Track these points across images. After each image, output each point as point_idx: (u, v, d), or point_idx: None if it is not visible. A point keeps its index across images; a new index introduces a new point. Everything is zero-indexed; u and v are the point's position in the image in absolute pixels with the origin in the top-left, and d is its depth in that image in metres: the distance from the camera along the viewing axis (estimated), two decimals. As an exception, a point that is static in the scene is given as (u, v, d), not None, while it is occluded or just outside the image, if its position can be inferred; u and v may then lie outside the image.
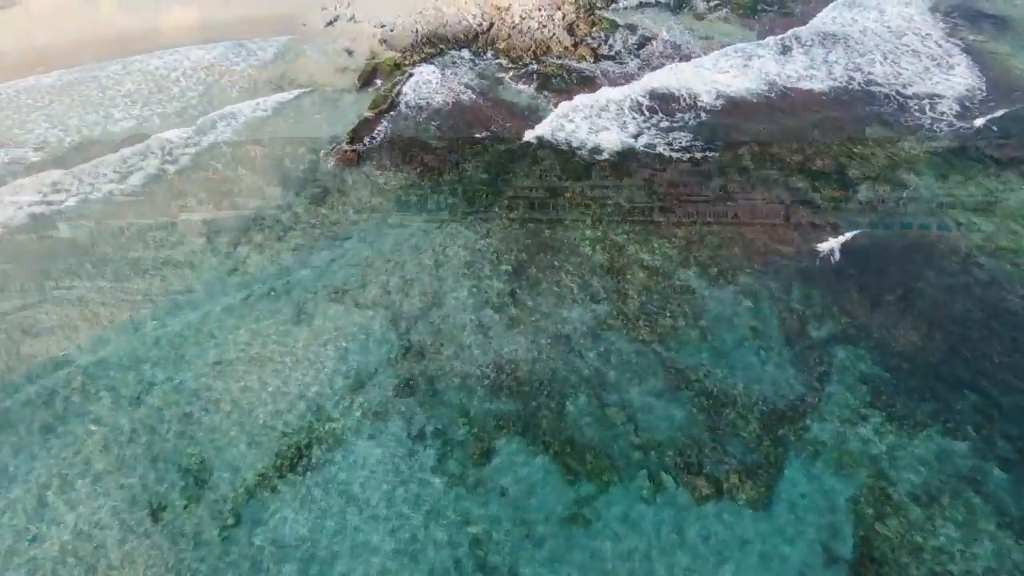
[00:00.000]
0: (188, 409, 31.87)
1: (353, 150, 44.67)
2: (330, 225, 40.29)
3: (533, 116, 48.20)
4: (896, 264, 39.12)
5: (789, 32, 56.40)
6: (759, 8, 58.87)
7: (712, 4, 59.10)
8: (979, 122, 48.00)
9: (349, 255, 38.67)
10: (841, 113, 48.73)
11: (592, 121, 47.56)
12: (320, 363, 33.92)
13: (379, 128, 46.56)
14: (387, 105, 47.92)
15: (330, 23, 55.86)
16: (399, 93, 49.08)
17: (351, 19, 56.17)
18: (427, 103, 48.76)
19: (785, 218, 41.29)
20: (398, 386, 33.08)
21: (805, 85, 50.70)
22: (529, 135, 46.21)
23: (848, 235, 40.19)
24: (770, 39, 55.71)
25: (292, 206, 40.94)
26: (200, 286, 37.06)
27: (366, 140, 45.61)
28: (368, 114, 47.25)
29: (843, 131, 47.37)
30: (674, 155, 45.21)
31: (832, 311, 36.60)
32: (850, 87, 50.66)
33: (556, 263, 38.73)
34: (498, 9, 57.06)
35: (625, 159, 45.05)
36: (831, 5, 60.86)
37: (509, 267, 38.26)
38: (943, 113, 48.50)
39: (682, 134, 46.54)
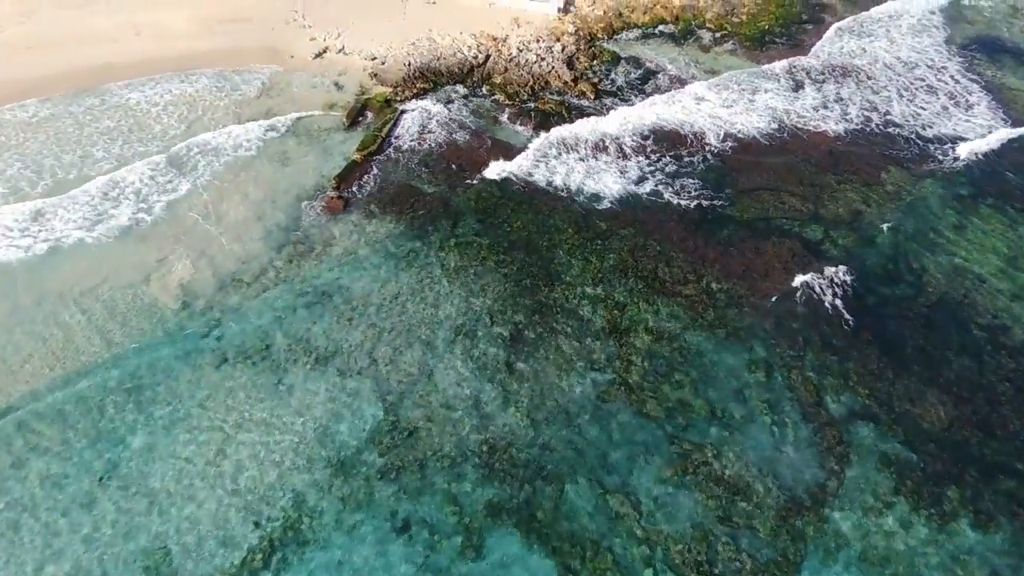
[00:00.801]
0: (152, 490, 29.27)
1: (339, 196, 42.16)
2: (313, 282, 37.73)
3: (545, 167, 45.31)
4: (917, 327, 36.59)
5: (798, 64, 53.86)
6: (767, 40, 56.39)
7: (718, 35, 56.60)
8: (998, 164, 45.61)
9: (332, 317, 36.11)
10: (856, 155, 46.20)
11: (588, 164, 45.08)
12: (298, 440, 31.34)
13: (367, 172, 44.04)
14: (376, 146, 45.39)
15: (318, 55, 53.37)
16: (389, 133, 46.57)
17: (340, 51, 53.69)
18: (418, 144, 46.23)
19: (797, 273, 38.72)
20: (383, 468, 30.50)
21: (818, 125, 48.19)
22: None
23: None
24: (778, 67, 53.21)
25: (273, 261, 38.38)
26: (171, 350, 34.49)
27: (353, 185, 43.08)
28: (356, 156, 44.71)
29: (859, 175, 44.88)
30: (679, 202, 42.68)
31: (850, 381, 34.05)
32: (866, 129, 48.04)
33: (555, 325, 36.18)
34: (495, 40, 54.60)
35: (627, 206, 42.51)
36: (835, 32, 58.08)
37: (504, 331, 35.70)
38: (964, 156, 45.97)
39: (688, 180, 44.00)
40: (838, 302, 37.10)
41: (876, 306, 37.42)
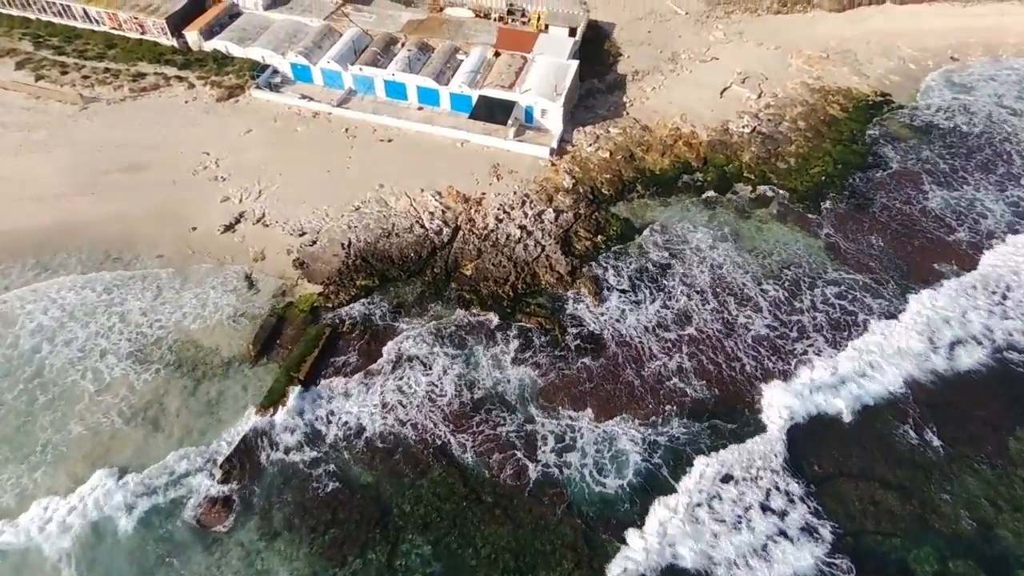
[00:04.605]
0: None
1: (225, 499, 28.68)
2: None
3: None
4: None
5: (887, 257, 40.05)
6: (824, 194, 42.85)
7: (760, 190, 42.91)
8: None
9: None
10: (971, 413, 32.67)
11: (594, 431, 31.63)
12: None
13: (271, 449, 30.44)
14: (287, 401, 31.84)
15: (229, 227, 39.77)
16: (311, 375, 32.98)
17: (260, 220, 40.11)
18: (350, 395, 32.61)
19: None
20: None
21: (919, 356, 34.72)
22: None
23: None
24: (859, 264, 39.69)
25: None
26: None
27: (247, 476, 29.52)
28: (257, 419, 31.15)
29: (978, 446, 31.45)
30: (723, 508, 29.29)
31: None
32: (990, 370, 34.09)
33: None
34: (466, 203, 41.04)
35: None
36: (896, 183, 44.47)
37: None
38: None
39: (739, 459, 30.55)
40: None
41: None
